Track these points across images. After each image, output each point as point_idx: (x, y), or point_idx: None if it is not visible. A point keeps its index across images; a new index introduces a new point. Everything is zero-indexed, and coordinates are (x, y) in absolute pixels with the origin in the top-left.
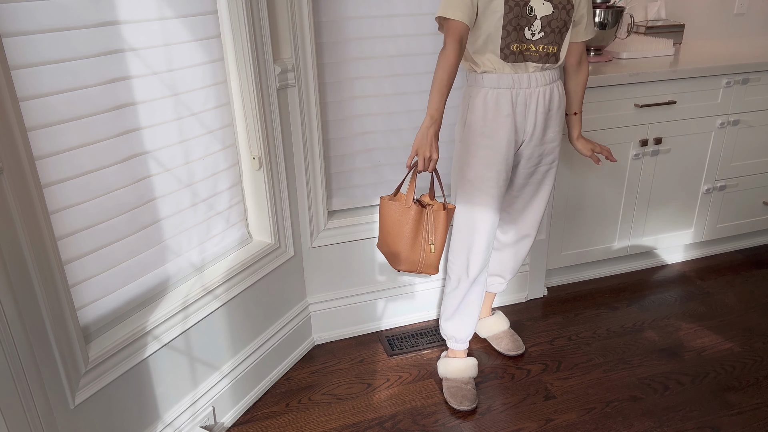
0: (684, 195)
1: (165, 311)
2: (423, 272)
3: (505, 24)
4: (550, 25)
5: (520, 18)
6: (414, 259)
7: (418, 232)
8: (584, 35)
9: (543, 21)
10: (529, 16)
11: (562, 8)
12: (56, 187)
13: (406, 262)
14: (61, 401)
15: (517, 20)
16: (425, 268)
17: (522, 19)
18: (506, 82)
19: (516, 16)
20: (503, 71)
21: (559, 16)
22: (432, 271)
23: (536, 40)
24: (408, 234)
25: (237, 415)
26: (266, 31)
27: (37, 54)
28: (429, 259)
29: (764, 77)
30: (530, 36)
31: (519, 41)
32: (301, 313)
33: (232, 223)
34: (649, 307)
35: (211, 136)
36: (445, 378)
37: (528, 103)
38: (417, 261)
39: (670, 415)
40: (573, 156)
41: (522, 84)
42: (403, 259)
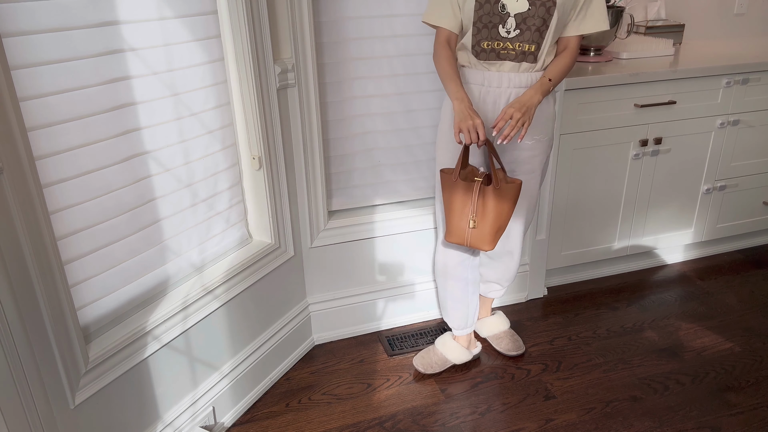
0: (684, 195)
1: (165, 311)
2: (474, 246)
3: (476, 21)
4: (525, 22)
5: (491, 15)
6: (461, 232)
7: (465, 206)
8: (575, 29)
9: (517, 18)
10: (501, 14)
11: (540, 5)
12: (56, 187)
13: (453, 234)
14: (61, 401)
15: (488, 17)
16: (474, 242)
17: (494, 16)
18: (476, 78)
19: (486, 12)
20: (476, 68)
21: (537, 14)
22: (484, 247)
23: (512, 38)
24: (457, 207)
25: (237, 415)
26: (266, 31)
27: (37, 54)
28: (474, 234)
29: (764, 77)
30: (505, 34)
31: (491, 39)
32: (301, 313)
33: (232, 223)
34: (649, 307)
35: (211, 136)
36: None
37: (497, 102)
38: (463, 235)
39: (670, 415)
40: (573, 156)
41: (492, 82)
42: (452, 230)
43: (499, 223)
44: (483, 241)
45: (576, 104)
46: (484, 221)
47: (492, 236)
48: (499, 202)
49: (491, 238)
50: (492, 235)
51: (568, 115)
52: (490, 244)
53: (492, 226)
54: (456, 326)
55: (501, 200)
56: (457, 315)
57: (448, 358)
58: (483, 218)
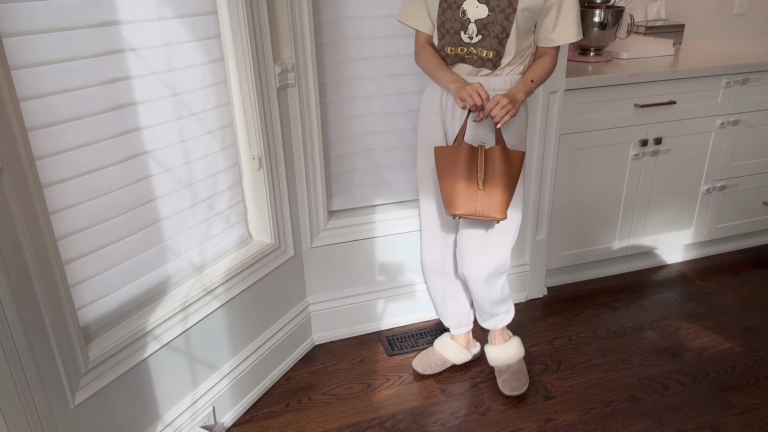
0: (684, 195)
1: (165, 311)
2: (486, 216)
3: (439, 26)
4: (486, 28)
5: (453, 21)
6: (470, 200)
7: (471, 171)
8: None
9: (478, 24)
10: (462, 19)
11: (500, 11)
12: (56, 187)
13: (462, 205)
14: (61, 401)
15: (450, 23)
16: (485, 209)
17: (455, 22)
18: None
19: (449, 18)
20: None
21: (496, 20)
22: (496, 214)
23: (474, 43)
24: (462, 173)
25: (237, 415)
26: (266, 31)
27: (37, 54)
28: (485, 201)
29: (764, 77)
30: (468, 39)
31: (454, 44)
32: (301, 313)
33: (232, 223)
34: (649, 307)
35: (211, 136)
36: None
37: (456, 107)
38: (473, 202)
39: (670, 415)
40: (573, 156)
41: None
42: (458, 202)
43: (510, 189)
44: (494, 208)
45: (576, 104)
46: (493, 185)
47: (503, 202)
48: (509, 166)
49: (502, 204)
50: (503, 202)
51: (568, 115)
52: (502, 211)
53: (504, 192)
54: (452, 325)
55: (510, 164)
56: (451, 314)
57: (447, 359)
58: (492, 182)
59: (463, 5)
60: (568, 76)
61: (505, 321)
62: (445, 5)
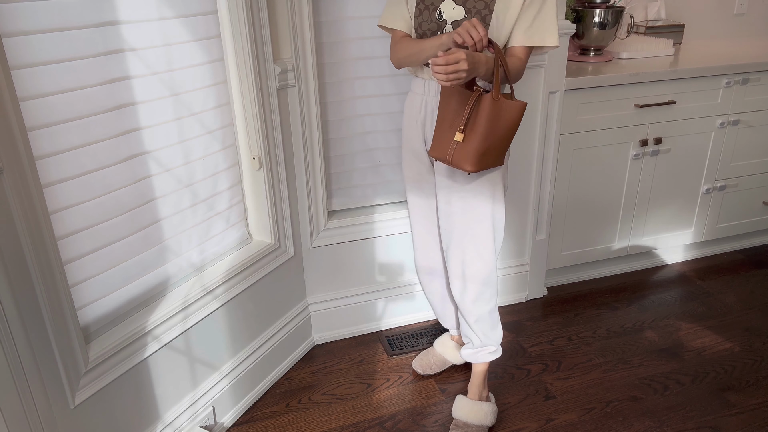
0: (684, 195)
1: (165, 311)
2: (455, 164)
3: (416, 27)
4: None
5: (429, 22)
6: (444, 145)
7: (457, 116)
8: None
9: (454, 26)
10: (438, 21)
11: (476, 13)
12: (56, 187)
13: (435, 147)
14: (61, 401)
15: (427, 24)
16: (456, 158)
17: (432, 23)
18: (419, 87)
19: (426, 20)
20: (419, 76)
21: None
22: (466, 166)
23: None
24: (448, 117)
25: (237, 415)
26: (266, 31)
27: (37, 54)
28: (459, 150)
29: (764, 77)
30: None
31: None
32: (301, 313)
33: (232, 223)
34: (649, 307)
35: (210, 136)
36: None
37: (435, 112)
38: (447, 148)
39: (670, 415)
40: (573, 156)
41: (431, 91)
42: (435, 143)
43: (489, 142)
44: (465, 159)
45: (576, 104)
46: (472, 135)
47: (477, 155)
48: (496, 118)
49: (476, 156)
50: (477, 154)
51: (568, 115)
52: (472, 164)
53: (480, 143)
54: (452, 326)
55: (498, 116)
56: (449, 315)
57: (447, 359)
58: (472, 131)
59: (440, 6)
60: (568, 76)
61: (487, 356)
62: (422, 6)
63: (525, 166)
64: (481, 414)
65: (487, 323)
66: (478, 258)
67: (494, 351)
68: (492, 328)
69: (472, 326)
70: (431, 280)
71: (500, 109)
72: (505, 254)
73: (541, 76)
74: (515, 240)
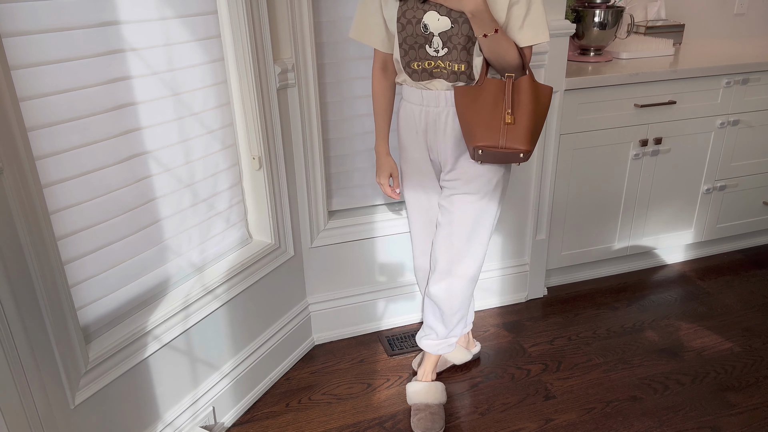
0: (684, 195)
1: (165, 311)
2: (510, 147)
3: (401, 42)
4: (451, 40)
5: (415, 36)
6: (494, 131)
7: (498, 103)
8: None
9: (443, 37)
10: (425, 34)
11: (463, 22)
12: (56, 187)
13: (484, 136)
14: (61, 401)
15: (412, 38)
16: (511, 140)
17: (418, 37)
18: (414, 97)
19: (410, 34)
20: (412, 86)
21: (460, 31)
22: (522, 145)
23: (441, 56)
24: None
25: (237, 415)
26: (266, 31)
27: (37, 54)
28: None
29: (764, 77)
30: (434, 53)
31: (420, 59)
32: (301, 313)
33: (232, 223)
34: (649, 307)
35: (211, 136)
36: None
37: (437, 122)
38: (498, 133)
39: (670, 415)
40: (573, 156)
41: (430, 102)
42: (480, 133)
43: (534, 120)
44: (519, 139)
45: (576, 104)
46: (520, 115)
47: (529, 133)
48: (536, 97)
49: (528, 135)
50: (529, 132)
51: (568, 115)
52: (526, 142)
53: (529, 121)
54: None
55: (537, 96)
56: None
57: (447, 359)
58: (519, 112)
59: (423, 19)
60: (568, 76)
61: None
62: (404, 21)
63: (525, 166)
64: (438, 392)
65: (460, 317)
66: (472, 258)
67: (454, 342)
68: (463, 323)
69: (446, 318)
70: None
71: (537, 89)
72: (505, 254)
73: (541, 76)
74: (515, 240)
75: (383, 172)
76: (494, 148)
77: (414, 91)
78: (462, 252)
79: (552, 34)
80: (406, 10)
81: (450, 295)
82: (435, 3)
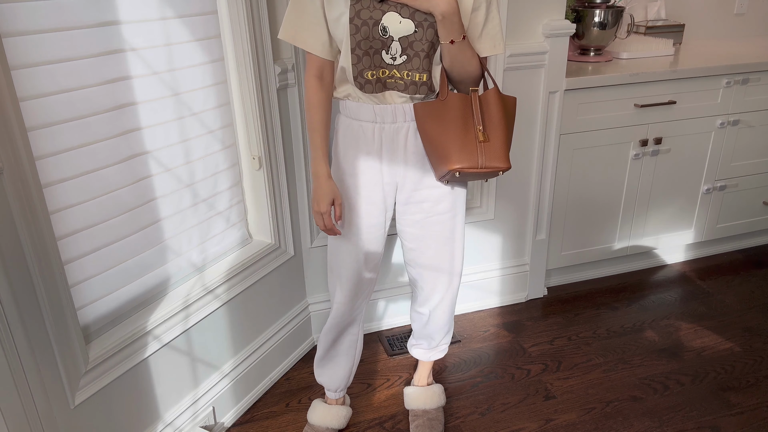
0: (684, 195)
1: (165, 311)
2: (490, 167)
3: (353, 47)
4: (412, 47)
5: (371, 40)
6: (471, 153)
7: (467, 120)
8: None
9: (403, 42)
10: (383, 38)
11: (428, 26)
12: (56, 187)
13: (461, 158)
14: (61, 401)
15: (367, 42)
16: (489, 159)
17: (375, 41)
18: (366, 114)
19: (365, 37)
20: (364, 101)
21: (425, 37)
22: (501, 163)
23: (398, 65)
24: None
25: (237, 415)
26: (266, 31)
27: (37, 54)
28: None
29: (764, 77)
30: (390, 60)
31: (375, 67)
32: (301, 313)
33: (232, 223)
34: (649, 307)
35: (211, 136)
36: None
37: (395, 140)
38: (475, 155)
39: (670, 415)
40: (573, 156)
41: (386, 118)
42: (456, 156)
43: (509, 134)
44: (497, 157)
45: (576, 104)
46: (494, 132)
47: (506, 149)
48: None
49: (505, 151)
50: (506, 148)
51: (568, 115)
52: (505, 159)
53: (505, 136)
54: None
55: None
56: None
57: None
58: (492, 128)
59: (382, 21)
60: (568, 76)
61: (440, 353)
62: (358, 22)
63: (525, 166)
64: (435, 396)
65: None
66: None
67: (446, 348)
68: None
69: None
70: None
71: (505, 102)
72: (505, 254)
73: (541, 76)
74: (515, 240)
75: (325, 198)
76: (474, 170)
77: (364, 107)
78: (446, 270)
79: (552, 34)
80: (361, 10)
81: (440, 313)
82: (396, 3)
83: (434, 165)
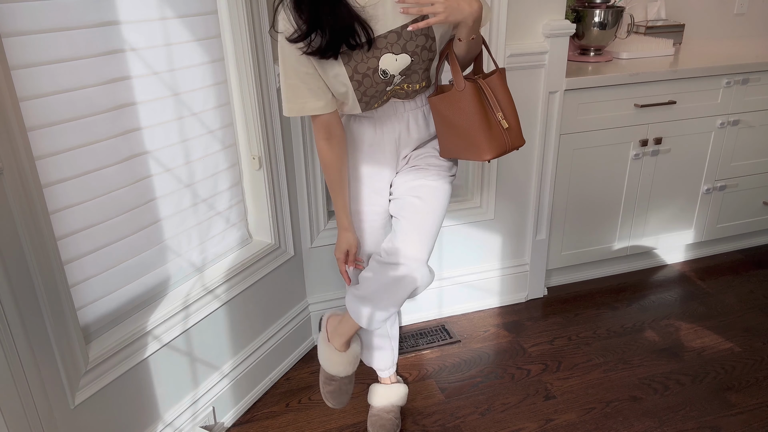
0: (684, 195)
1: (165, 311)
2: (514, 146)
3: (360, 98)
4: (410, 68)
5: (375, 85)
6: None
7: (486, 110)
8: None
9: (403, 73)
10: (385, 80)
11: (422, 50)
12: (56, 187)
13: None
14: (61, 401)
15: (372, 89)
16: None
17: (378, 84)
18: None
19: (369, 86)
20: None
21: (420, 60)
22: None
23: (399, 83)
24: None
25: (237, 415)
26: (266, 31)
27: (37, 54)
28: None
29: (764, 77)
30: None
31: (380, 99)
32: (301, 313)
33: (232, 223)
34: (649, 307)
35: (211, 136)
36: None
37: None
38: (503, 140)
39: (670, 415)
40: (573, 156)
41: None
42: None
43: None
44: (517, 136)
45: (576, 104)
46: (510, 115)
47: (520, 128)
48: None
49: (521, 130)
50: (520, 127)
51: (568, 115)
52: (522, 137)
53: (516, 115)
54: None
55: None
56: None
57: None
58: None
59: (380, 66)
60: (568, 76)
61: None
62: (359, 77)
63: (525, 166)
64: (400, 395)
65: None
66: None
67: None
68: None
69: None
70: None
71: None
72: (505, 254)
73: (541, 76)
74: (515, 240)
75: (340, 248)
76: (503, 153)
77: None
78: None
79: (552, 34)
80: (357, 65)
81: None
82: (386, 42)
83: (460, 153)
